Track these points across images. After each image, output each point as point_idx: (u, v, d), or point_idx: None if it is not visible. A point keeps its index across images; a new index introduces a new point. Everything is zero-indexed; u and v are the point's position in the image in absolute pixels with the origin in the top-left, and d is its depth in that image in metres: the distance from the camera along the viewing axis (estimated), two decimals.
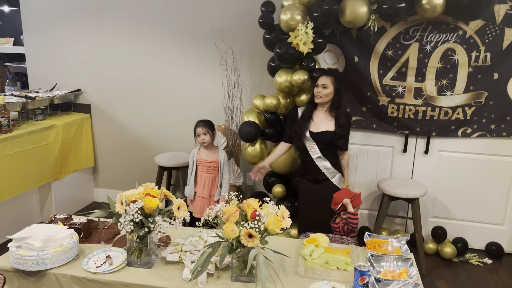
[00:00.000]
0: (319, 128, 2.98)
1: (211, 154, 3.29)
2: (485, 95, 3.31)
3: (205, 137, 3.21)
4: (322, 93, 2.92)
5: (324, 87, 2.92)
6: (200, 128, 3.21)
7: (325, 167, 2.99)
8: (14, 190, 3.47)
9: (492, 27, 3.15)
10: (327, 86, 2.91)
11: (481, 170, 3.51)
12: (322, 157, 2.98)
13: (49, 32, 4.26)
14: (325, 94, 2.92)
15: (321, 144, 2.98)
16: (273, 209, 1.83)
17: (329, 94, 2.93)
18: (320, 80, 2.95)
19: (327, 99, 2.94)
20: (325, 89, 2.92)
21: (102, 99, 4.30)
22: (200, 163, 3.27)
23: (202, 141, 3.22)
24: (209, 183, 3.28)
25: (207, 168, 3.28)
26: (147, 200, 1.89)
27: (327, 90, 2.92)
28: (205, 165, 3.27)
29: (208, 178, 3.28)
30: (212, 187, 3.29)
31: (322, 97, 2.93)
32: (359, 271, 1.76)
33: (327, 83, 2.92)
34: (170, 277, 1.89)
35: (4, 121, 3.39)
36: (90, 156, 4.37)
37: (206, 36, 3.86)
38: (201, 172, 3.29)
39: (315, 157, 2.99)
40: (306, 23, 3.10)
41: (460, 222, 3.66)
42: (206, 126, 3.21)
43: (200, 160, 3.27)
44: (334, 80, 2.92)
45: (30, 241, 1.94)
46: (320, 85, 2.94)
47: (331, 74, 2.98)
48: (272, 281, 1.83)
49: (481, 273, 3.33)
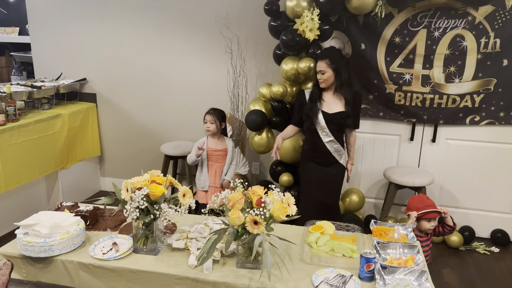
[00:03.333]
0: (331, 109, 2.93)
1: (218, 143, 3.28)
2: (494, 82, 3.26)
3: (211, 126, 3.20)
4: (322, 79, 2.89)
5: (322, 73, 2.88)
6: (209, 116, 3.20)
7: (336, 149, 2.97)
8: (21, 179, 3.49)
9: (502, 13, 3.09)
10: (324, 71, 2.87)
11: (489, 158, 3.48)
12: (334, 141, 2.95)
13: (54, 21, 4.25)
14: (325, 79, 2.89)
15: (334, 126, 2.94)
16: (279, 196, 1.82)
17: (330, 77, 2.88)
18: (317, 66, 2.91)
19: (329, 82, 2.90)
20: (323, 74, 2.88)
21: (107, 88, 4.30)
22: (209, 152, 3.25)
23: (207, 128, 3.21)
24: (219, 172, 3.27)
25: (217, 157, 3.26)
26: (153, 187, 1.89)
27: (326, 74, 2.88)
28: (214, 154, 3.26)
29: (218, 167, 3.27)
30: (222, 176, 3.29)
31: (324, 82, 2.90)
32: (365, 258, 1.76)
33: (322, 68, 2.88)
34: (176, 264, 1.89)
35: (11, 110, 3.40)
36: (96, 145, 4.38)
37: (211, 23, 3.82)
38: (211, 162, 3.27)
39: (326, 140, 2.95)
40: (312, 10, 3.06)
41: (467, 210, 3.64)
42: (214, 115, 3.19)
43: (208, 149, 3.25)
44: (329, 61, 2.87)
45: (37, 228, 1.95)
46: (318, 72, 2.90)
47: (325, 56, 2.91)
48: (278, 267, 1.83)
49: (488, 262, 3.31)
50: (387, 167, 3.57)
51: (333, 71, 2.88)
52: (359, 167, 3.75)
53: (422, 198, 2.62)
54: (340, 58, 2.93)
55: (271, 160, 3.78)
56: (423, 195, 2.73)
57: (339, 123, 2.94)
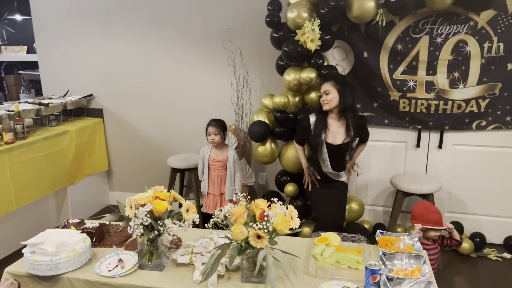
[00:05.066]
0: (336, 139, 2.93)
1: (219, 153, 3.37)
2: (499, 86, 3.23)
3: (215, 137, 3.27)
4: (326, 99, 2.90)
5: (326, 93, 2.90)
6: (212, 128, 3.27)
7: (334, 175, 3.02)
8: (32, 196, 3.54)
9: (504, 17, 3.08)
10: (329, 91, 2.88)
11: (497, 163, 3.44)
12: (332, 172, 2.99)
13: (60, 39, 4.32)
14: (330, 100, 2.89)
15: (337, 154, 2.97)
16: (281, 209, 1.82)
17: (334, 98, 2.88)
18: (321, 88, 2.95)
19: (333, 104, 2.89)
20: (328, 94, 2.89)
21: (114, 103, 4.35)
22: (210, 162, 3.37)
23: (212, 140, 3.28)
24: (218, 181, 3.37)
25: (215, 167, 3.37)
26: (156, 203, 1.90)
27: (331, 95, 2.88)
28: (213, 164, 3.37)
29: (217, 177, 3.37)
30: (221, 185, 3.38)
31: (328, 103, 2.90)
32: (370, 269, 1.74)
33: (328, 88, 2.90)
34: (181, 279, 1.90)
35: (19, 128, 3.45)
36: (104, 160, 4.42)
37: (214, 37, 3.86)
38: (211, 171, 3.39)
39: (325, 170, 3.00)
40: (313, 20, 3.07)
41: (477, 216, 3.59)
42: (218, 126, 3.27)
43: (210, 159, 3.37)
44: (334, 83, 2.89)
45: (44, 247, 1.97)
46: (322, 93, 2.92)
47: (330, 78, 2.98)
48: (282, 281, 1.82)
49: (500, 268, 3.26)
50: (394, 174, 3.55)
51: (338, 92, 2.88)
52: (366, 175, 3.73)
53: (426, 205, 2.60)
54: (345, 81, 2.99)
55: (276, 170, 3.78)
56: (427, 202, 2.71)
57: (343, 153, 3.00)
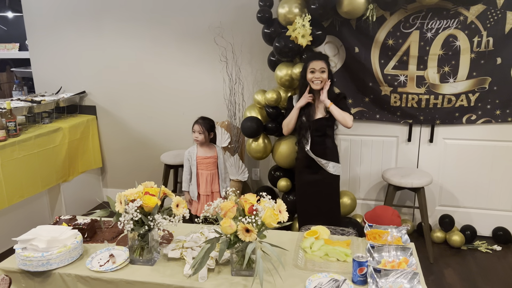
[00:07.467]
0: (315, 116, 2.94)
1: (208, 150, 3.27)
2: (489, 80, 3.26)
3: (199, 136, 3.18)
4: (322, 77, 2.84)
5: (323, 71, 2.85)
6: (197, 126, 3.18)
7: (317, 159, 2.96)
8: (24, 193, 3.54)
9: (493, 11, 3.10)
10: (325, 69, 2.86)
11: (487, 156, 3.47)
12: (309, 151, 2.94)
13: (52, 36, 4.31)
14: (325, 78, 2.85)
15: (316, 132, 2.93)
16: (270, 203, 1.84)
17: (326, 77, 2.87)
18: (316, 64, 2.85)
19: (324, 83, 2.87)
20: (324, 72, 2.85)
21: (106, 100, 4.35)
22: (199, 160, 3.25)
23: (195, 138, 3.20)
24: (210, 179, 3.27)
25: (207, 165, 3.25)
26: (146, 198, 1.92)
27: (326, 74, 2.86)
28: (204, 162, 3.25)
29: (209, 175, 3.26)
30: (213, 183, 3.28)
31: (323, 81, 2.86)
32: (357, 262, 1.77)
33: (324, 66, 2.85)
34: (171, 274, 1.92)
35: (11, 126, 3.45)
36: (98, 156, 4.42)
37: (205, 33, 3.86)
38: (201, 170, 3.26)
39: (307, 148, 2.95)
40: (303, 16, 3.08)
41: (467, 209, 3.63)
42: (203, 125, 3.17)
43: (198, 158, 3.25)
44: (327, 62, 2.89)
45: (35, 243, 1.98)
46: (317, 70, 2.84)
47: (323, 57, 2.93)
48: (271, 274, 1.85)
49: (490, 260, 3.30)
50: (386, 168, 3.58)
51: (329, 72, 2.88)
52: (358, 170, 3.76)
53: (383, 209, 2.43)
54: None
55: (269, 166, 3.80)
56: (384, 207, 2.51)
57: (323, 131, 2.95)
